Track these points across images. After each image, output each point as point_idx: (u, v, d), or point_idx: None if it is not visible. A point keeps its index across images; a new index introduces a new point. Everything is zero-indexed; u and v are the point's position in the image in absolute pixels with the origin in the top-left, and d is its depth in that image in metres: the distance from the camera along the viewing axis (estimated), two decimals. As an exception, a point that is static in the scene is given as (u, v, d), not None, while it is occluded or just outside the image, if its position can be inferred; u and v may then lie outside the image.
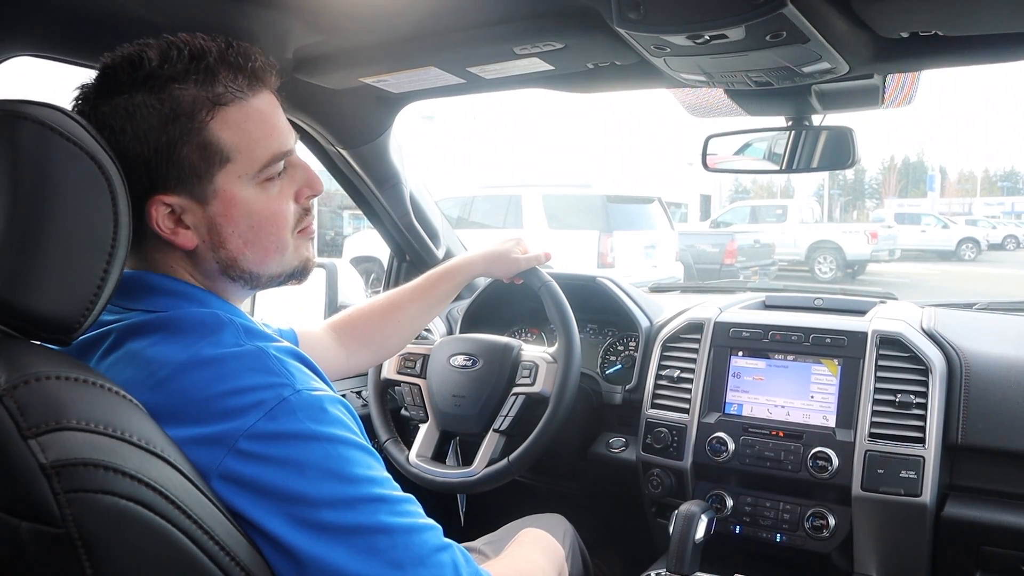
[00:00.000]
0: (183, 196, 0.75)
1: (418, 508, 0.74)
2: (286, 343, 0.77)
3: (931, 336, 1.44)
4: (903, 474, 1.30)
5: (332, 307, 1.91)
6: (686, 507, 1.28)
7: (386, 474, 0.72)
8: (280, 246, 0.81)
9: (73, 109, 0.76)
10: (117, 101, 0.73)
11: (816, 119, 1.46)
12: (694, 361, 1.55)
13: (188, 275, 0.79)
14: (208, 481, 0.66)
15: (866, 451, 1.34)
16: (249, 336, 0.74)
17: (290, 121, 0.92)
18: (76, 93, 0.77)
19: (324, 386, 0.74)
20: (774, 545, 1.45)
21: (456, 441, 1.68)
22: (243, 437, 0.66)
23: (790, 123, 1.47)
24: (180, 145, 0.73)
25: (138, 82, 0.73)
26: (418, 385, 1.57)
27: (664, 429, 1.52)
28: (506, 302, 1.86)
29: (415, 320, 1.35)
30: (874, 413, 1.36)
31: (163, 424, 0.67)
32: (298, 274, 0.86)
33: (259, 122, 0.78)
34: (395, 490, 0.72)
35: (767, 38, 1.04)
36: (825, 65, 1.18)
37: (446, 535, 0.77)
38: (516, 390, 1.46)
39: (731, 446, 1.45)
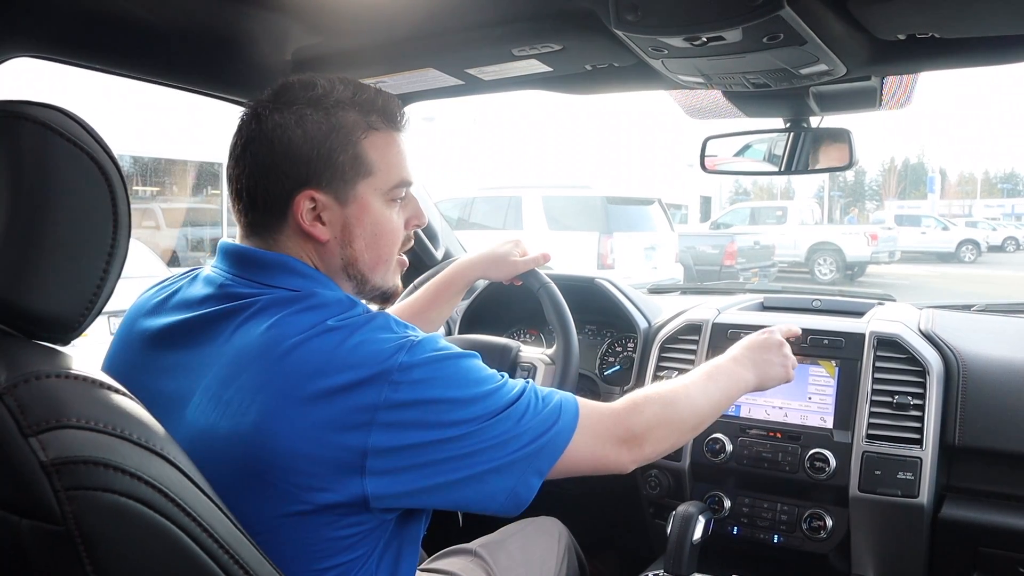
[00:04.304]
0: (328, 194, 0.88)
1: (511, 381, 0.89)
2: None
3: (929, 338, 1.45)
4: (900, 475, 1.30)
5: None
6: (684, 508, 1.28)
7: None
8: (389, 259, 0.95)
9: (250, 113, 0.90)
10: (293, 110, 0.87)
11: (814, 121, 1.47)
12: (692, 362, 1.55)
13: (313, 264, 0.90)
14: (369, 431, 0.76)
15: (863, 452, 1.34)
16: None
17: None
18: (252, 104, 0.91)
19: None
20: (771, 546, 1.45)
21: (455, 442, 1.68)
22: (396, 370, 0.78)
23: (788, 125, 1.47)
24: (338, 152, 0.88)
25: (311, 100, 0.88)
26: (417, 386, 1.57)
27: (662, 430, 1.52)
28: (505, 303, 1.86)
29: None
30: (871, 414, 1.36)
31: (308, 383, 0.76)
32: (388, 294, 0.99)
33: (396, 152, 0.93)
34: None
35: (764, 40, 1.04)
36: (822, 67, 1.18)
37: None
38: (514, 391, 1.46)
39: (729, 447, 1.45)
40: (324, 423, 0.75)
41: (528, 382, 0.90)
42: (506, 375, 0.89)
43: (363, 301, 0.92)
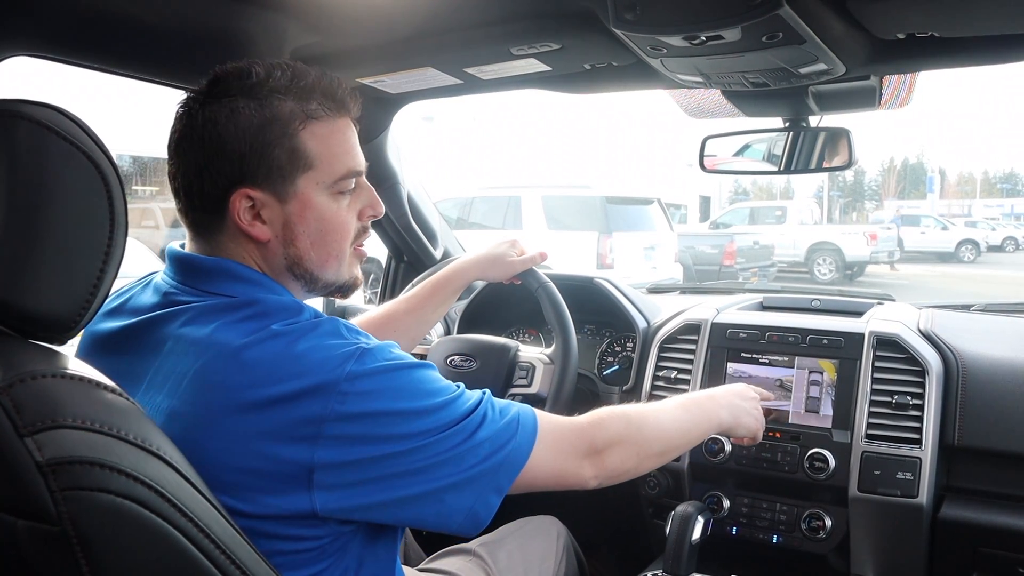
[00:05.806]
0: (266, 192, 0.83)
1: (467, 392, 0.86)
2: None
3: (928, 337, 1.45)
4: (899, 475, 1.30)
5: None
6: (683, 508, 1.28)
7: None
8: (340, 254, 0.90)
9: (183, 107, 0.85)
10: (224, 102, 0.82)
11: (813, 120, 1.47)
12: (691, 362, 1.55)
13: (257, 266, 0.87)
14: (315, 445, 0.72)
15: (863, 452, 1.34)
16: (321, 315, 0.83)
17: None
18: (185, 97, 0.86)
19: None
20: (771, 546, 1.45)
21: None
22: (344, 381, 0.74)
23: (787, 124, 1.47)
24: (273, 146, 0.82)
25: (245, 89, 0.83)
26: (416, 385, 1.57)
27: (661, 430, 1.52)
28: (504, 303, 1.86)
29: (411, 331, 1.37)
30: (871, 414, 1.36)
31: (248, 391, 0.73)
32: (346, 288, 0.94)
33: (341, 140, 0.88)
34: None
35: (763, 39, 1.04)
36: (822, 66, 1.18)
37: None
38: (513, 391, 1.45)
39: (728, 447, 1.45)
40: (263, 434, 0.72)
41: (485, 393, 0.87)
42: (462, 385, 0.85)
43: (321, 297, 0.89)
